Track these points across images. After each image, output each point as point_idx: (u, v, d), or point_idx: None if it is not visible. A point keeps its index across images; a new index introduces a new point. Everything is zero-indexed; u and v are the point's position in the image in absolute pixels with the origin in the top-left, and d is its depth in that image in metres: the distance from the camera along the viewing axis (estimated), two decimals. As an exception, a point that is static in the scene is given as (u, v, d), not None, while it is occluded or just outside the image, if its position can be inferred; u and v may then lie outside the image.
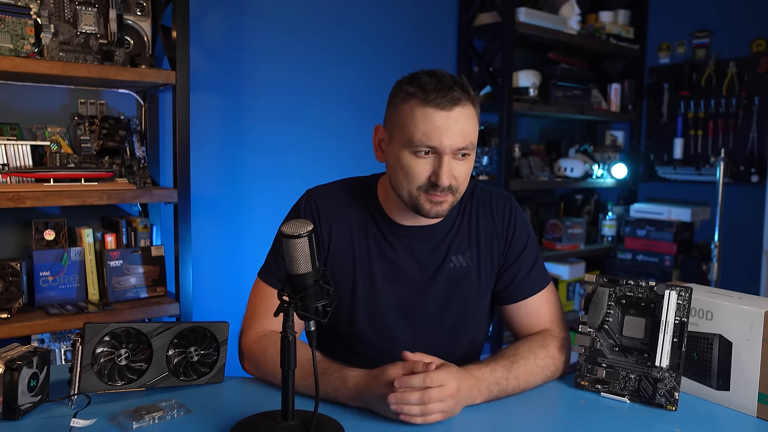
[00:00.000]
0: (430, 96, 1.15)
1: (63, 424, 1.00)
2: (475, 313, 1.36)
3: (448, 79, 1.18)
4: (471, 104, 1.19)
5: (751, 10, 3.09)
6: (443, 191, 1.18)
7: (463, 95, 1.17)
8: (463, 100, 1.17)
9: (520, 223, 1.37)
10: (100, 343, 1.11)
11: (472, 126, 1.19)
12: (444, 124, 1.15)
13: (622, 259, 3.33)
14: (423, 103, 1.16)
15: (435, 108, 1.15)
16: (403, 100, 1.20)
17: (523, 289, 1.35)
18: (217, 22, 2.39)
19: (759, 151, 3.07)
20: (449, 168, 1.16)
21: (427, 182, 1.18)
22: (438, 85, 1.16)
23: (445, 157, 1.16)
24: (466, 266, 1.33)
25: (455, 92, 1.16)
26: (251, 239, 2.52)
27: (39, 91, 2.03)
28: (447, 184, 1.17)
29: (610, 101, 3.41)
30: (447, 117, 1.15)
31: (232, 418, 1.03)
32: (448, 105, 1.15)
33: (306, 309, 0.98)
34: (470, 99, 1.19)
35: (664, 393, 1.14)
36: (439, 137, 1.15)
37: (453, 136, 1.15)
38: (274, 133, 2.55)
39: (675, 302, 1.16)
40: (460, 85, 1.18)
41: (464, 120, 1.17)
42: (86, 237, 2.01)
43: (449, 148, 1.16)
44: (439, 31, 3.02)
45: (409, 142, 1.17)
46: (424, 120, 1.15)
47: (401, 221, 1.31)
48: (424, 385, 1.02)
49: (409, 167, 1.19)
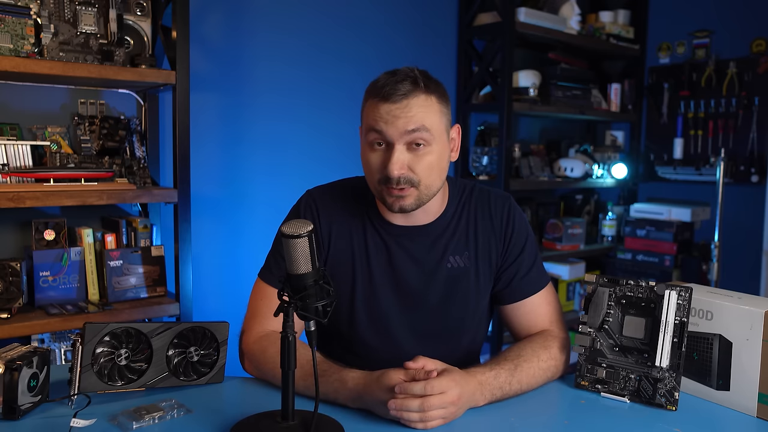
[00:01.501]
0: (380, 90, 1.17)
1: (63, 424, 1.00)
2: (474, 313, 1.37)
3: (403, 74, 1.19)
4: (425, 95, 1.18)
5: (751, 10, 3.09)
6: (399, 184, 1.18)
7: (415, 88, 1.17)
8: (413, 92, 1.17)
9: (518, 223, 1.36)
10: (100, 343, 1.11)
11: (425, 115, 1.17)
12: (390, 113, 1.16)
13: (622, 259, 3.33)
14: (373, 97, 1.19)
15: (381, 99, 1.17)
16: (364, 99, 1.23)
17: (522, 289, 1.34)
18: (217, 22, 2.39)
19: (759, 151, 3.07)
20: (399, 159, 1.16)
21: (382, 175, 1.19)
22: (390, 80, 1.18)
23: (396, 146, 1.17)
24: (464, 267, 1.33)
25: (404, 84, 1.16)
26: (251, 239, 2.52)
27: (39, 91, 2.03)
28: (396, 174, 1.16)
29: (610, 101, 3.41)
30: (393, 107, 1.16)
31: (232, 418, 1.03)
32: (394, 96, 1.16)
33: (306, 309, 0.98)
34: (425, 91, 1.18)
35: (664, 393, 1.14)
36: (384, 125, 1.16)
37: (398, 123, 1.16)
38: (274, 132, 2.55)
39: (675, 302, 1.16)
40: (412, 77, 1.18)
41: (415, 109, 1.16)
42: (86, 237, 2.01)
43: (396, 135, 1.16)
44: (439, 31, 3.02)
45: (365, 135, 1.21)
46: (372, 111, 1.18)
47: (393, 221, 1.32)
48: (424, 392, 1.01)
49: (366, 161, 1.22)
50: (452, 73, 3.08)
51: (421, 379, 1.04)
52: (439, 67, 3.02)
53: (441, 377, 1.05)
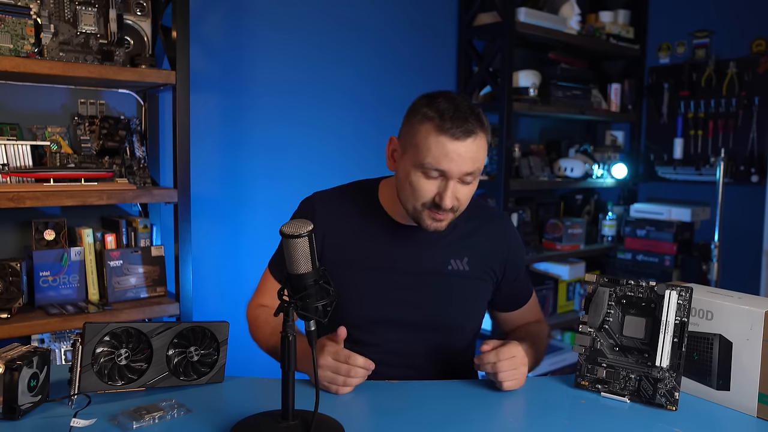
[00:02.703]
0: (446, 124, 1.20)
1: (63, 424, 1.00)
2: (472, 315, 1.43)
3: (465, 108, 1.23)
4: (484, 134, 1.25)
5: (751, 10, 3.09)
6: (445, 211, 1.26)
7: (477, 125, 1.23)
8: (476, 131, 1.22)
9: (515, 243, 1.47)
10: (100, 343, 1.11)
11: (481, 154, 1.25)
12: (455, 153, 1.21)
13: (622, 259, 3.33)
14: (438, 130, 1.21)
15: (449, 137, 1.20)
16: (419, 121, 1.25)
17: (521, 300, 1.51)
18: (217, 22, 2.39)
19: (759, 151, 3.07)
20: (453, 192, 1.24)
21: (432, 201, 1.25)
22: (455, 115, 1.21)
23: (452, 181, 1.23)
24: (465, 271, 1.38)
25: (470, 123, 1.21)
26: (251, 239, 2.52)
27: (39, 91, 2.03)
28: (450, 206, 1.24)
29: (610, 101, 3.41)
30: (459, 146, 1.21)
31: (232, 418, 1.03)
32: (462, 135, 1.21)
33: (306, 309, 0.99)
34: (483, 129, 1.25)
35: (665, 393, 1.14)
36: (449, 164, 1.21)
37: (463, 164, 1.22)
38: (273, 132, 2.55)
39: (675, 302, 1.16)
40: (476, 115, 1.24)
41: (475, 149, 1.23)
42: (86, 237, 2.01)
43: (457, 174, 1.23)
44: (439, 31, 3.02)
45: (420, 163, 1.23)
46: (437, 146, 1.21)
47: (401, 221, 1.37)
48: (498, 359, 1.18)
49: (417, 185, 1.25)
50: (452, 73, 3.08)
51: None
52: (439, 67, 3.02)
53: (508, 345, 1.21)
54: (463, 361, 1.45)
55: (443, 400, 1.17)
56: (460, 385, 1.25)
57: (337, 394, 1.17)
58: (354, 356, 1.17)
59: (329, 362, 1.17)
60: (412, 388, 1.23)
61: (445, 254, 1.37)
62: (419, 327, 1.36)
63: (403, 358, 1.37)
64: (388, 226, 1.37)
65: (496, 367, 1.18)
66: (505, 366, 1.19)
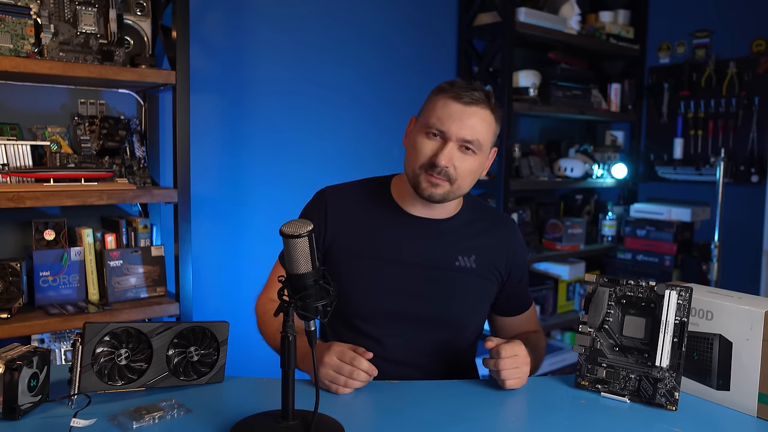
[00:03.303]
0: (454, 90, 1.29)
1: (63, 424, 1.00)
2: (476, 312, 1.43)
3: (479, 86, 1.31)
4: (489, 110, 1.31)
5: (751, 10, 3.09)
6: (440, 173, 1.28)
7: (485, 99, 1.30)
8: (482, 102, 1.29)
9: (520, 249, 1.49)
10: (100, 343, 1.11)
11: (484, 127, 1.30)
12: (457, 114, 1.27)
13: (622, 259, 3.33)
14: (446, 95, 1.30)
15: (453, 99, 1.28)
16: (434, 94, 1.34)
17: (523, 306, 1.52)
18: (217, 22, 2.39)
19: (759, 151, 3.07)
20: (450, 153, 1.28)
21: (428, 161, 1.29)
22: (465, 85, 1.30)
23: (450, 143, 1.28)
24: (472, 268, 1.39)
25: (477, 93, 1.29)
26: (251, 239, 2.52)
27: (39, 91, 2.03)
28: (444, 165, 1.27)
29: (610, 101, 3.41)
30: (462, 109, 1.28)
31: (232, 418, 1.03)
32: (466, 99, 1.28)
33: (306, 309, 0.99)
34: (490, 106, 1.31)
35: (665, 393, 1.14)
36: (450, 123, 1.27)
37: (462, 127, 1.27)
38: (273, 132, 2.55)
39: (675, 302, 1.16)
40: (486, 93, 1.31)
41: (477, 119, 1.29)
42: (86, 237, 2.01)
43: (455, 135, 1.27)
44: (439, 31, 3.02)
45: (425, 124, 1.31)
46: (443, 108, 1.29)
47: (412, 211, 1.39)
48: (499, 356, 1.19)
49: (418, 145, 1.31)
50: (452, 73, 3.08)
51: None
52: (439, 67, 3.02)
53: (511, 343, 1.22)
54: (464, 362, 1.46)
55: (443, 400, 1.17)
56: (460, 385, 1.25)
57: (336, 393, 1.17)
58: (359, 359, 1.17)
59: (333, 361, 1.18)
60: (412, 387, 1.23)
61: (454, 250, 1.38)
62: (422, 320, 1.37)
63: (405, 353, 1.37)
64: (398, 219, 1.39)
65: (499, 365, 1.19)
66: (507, 364, 1.19)
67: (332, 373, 1.17)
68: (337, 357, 1.18)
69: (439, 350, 1.39)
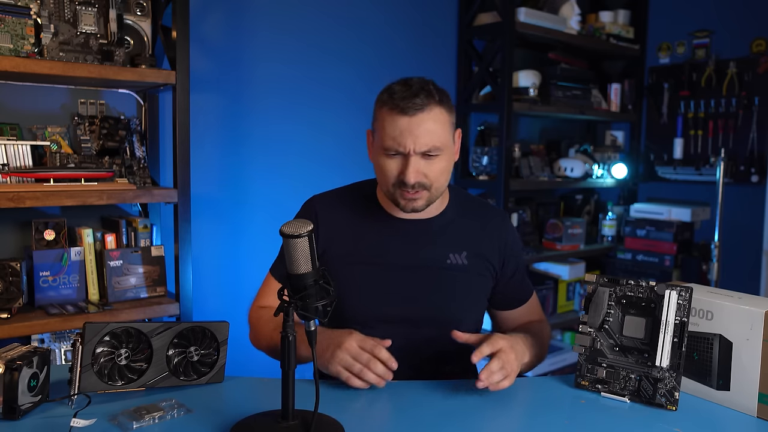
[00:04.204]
0: (396, 103, 1.25)
1: (63, 424, 1.00)
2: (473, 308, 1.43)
3: (416, 86, 1.27)
4: (438, 108, 1.27)
5: (751, 10, 3.09)
6: (413, 188, 1.28)
7: (429, 100, 1.26)
8: (427, 106, 1.25)
9: (513, 239, 1.47)
10: (100, 342, 1.11)
11: (438, 128, 1.27)
12: (407, 129, 1.25)
13: (622, 259, 3.33)
14: (390, 110, 1.27)
15: (399, 114, 1.25)
16: (378, 107, 1.31)
17: (521, 298, 1.50)
18: (217, 22, 2.39)
19: (759, 151, 3.07)
20: (415, 167, 1.26)
21: (398, 180, 1.29)
22: (404, 93, 1.25)
23: (411, 157, 1.26)
24: (462, 265, 1.39)
25: (419, 99, 1.25)
26: (251, 239, 2.52)
27: (39, 91, 2.03)
28: (413, 182, 1.27)
29: (610, 101, 3.41)
30: (410, 122, 1.25)
31: (232, 418, 1.03)
32: (411, 111, 1.24)
33: (306, 309, 0.99)
34: (437, 103, 1.27)
35: (665, 393, 1.14)
36: (404, 140, 1.25)
37: (416, 139, 1.25)
38: (274, 132, 2.55)
39: (675, 302, 1.16)
40: (426, 91, 1.26)
41: (429, 124, 1.26)
42: (86, 237, 2.01)
43: (413, 150, 1.25)
44: (439, 31, 3.02)
45: (382, 144, 1.29)
46: (391, 125, 1.26)
47: (399, 214, 1.39)
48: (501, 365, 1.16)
49: (383, 167, 1.30)
50: (452, 73, 3.08)
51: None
52: (439, 67, 3.02)
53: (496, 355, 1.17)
54: (463, 360, 1.45)
55: (443, 400, 1.17)
56: (460, 385, 1.25)
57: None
58: (379, 348, 1.16)
59: (353, 347, 1.16)
60: (412, 387, 1.23)
61: (444, 248, 1.38)
62: (418, 322, 1.37)
63: (403, 355, 1.37)
64: (386, 222, 1.39)
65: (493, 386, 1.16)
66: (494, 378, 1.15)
67: (349, 359, 1.16)
68: (358, 343, 1.17)
69: (438, 350, 1.39)
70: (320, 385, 1.02)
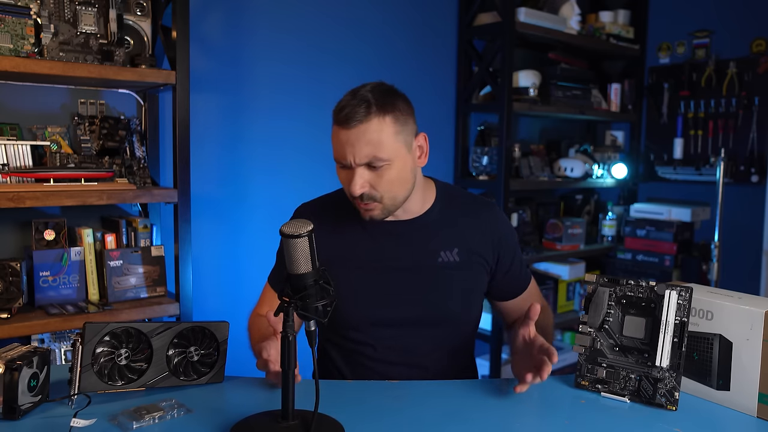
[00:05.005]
0: (338, 116, 1.26)
1: (63, 424, 1.00)
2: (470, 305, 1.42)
3: (359, 97, 1.26)
4: (379, 118, 1.24)
5: (751, 10, 3.09)
6: (363, 200, 1.28)
7: (369, 110, 1.23)
8: (366, 118, 1.23)
9: (506, 230, 1.45)
10: (100, 342, 1.11)
11: (380, 137, 1.24)
12: (347, 141, 1.25)
13: (622, 259, 3.33)
14: (334, 123, 1.28)
15: (339, 127, 1.26)
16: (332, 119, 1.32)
17: (519, 286, 1.49)
18: (216, 22, 2.39)
19: (759, 151, 3.07)
20: (360, 179, 1.26)
21: (350, 192, 1.29)
22: (347, 104, 1.25)
23: (356, 169, 1.26)
24: (454, 261, 1.38)
25: (360, 109, 1.23)
26: (251, 239, 2.52)
27: (39, 91, 2.03)
28: (357, 193, 1.26)
29: (610, 101, 3.41)
30: (348, 134, 1.24)
31: (232, 418, 1.03)
32: (349, 122, 1.24)
33: (306, 309, 0.99)
34: (378, 114, 1.24)
35: (665, 393, 1.14)
36: (345, 153, 1.25)
37: (355, 151, 1.24)
38: (274, 132, 2.55)
39: (675, 302, 1.16)
40: (367, 102, 1.24)
41: (367, 135, 1.23)
42: (86, 237, 2.01)
43: (355, 162, 1.25)
44: (439, 31, 3.02)
45: (335, 157, 1.30)
46: (335, 137, 1.28)
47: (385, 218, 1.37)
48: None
49: (339, 177, 1.32)
50: (452, 73, 3.08)
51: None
52: (439, 67, 3.02)
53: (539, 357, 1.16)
54: (463, 358, 1.46)
55: (443, 400, 1.16)
56: (460, 385, 1.25)
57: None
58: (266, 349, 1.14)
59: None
60: (412, 388, 1.23)
61: (434, 246, 1.37)
62: (415, 322, 1.36)
63: (402, 356, 1.37)
64: (373, 226, 1.37)
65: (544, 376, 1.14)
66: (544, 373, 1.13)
67: None
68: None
69: (436, 349, 1.39)
70: (320, 385, 1.01)
